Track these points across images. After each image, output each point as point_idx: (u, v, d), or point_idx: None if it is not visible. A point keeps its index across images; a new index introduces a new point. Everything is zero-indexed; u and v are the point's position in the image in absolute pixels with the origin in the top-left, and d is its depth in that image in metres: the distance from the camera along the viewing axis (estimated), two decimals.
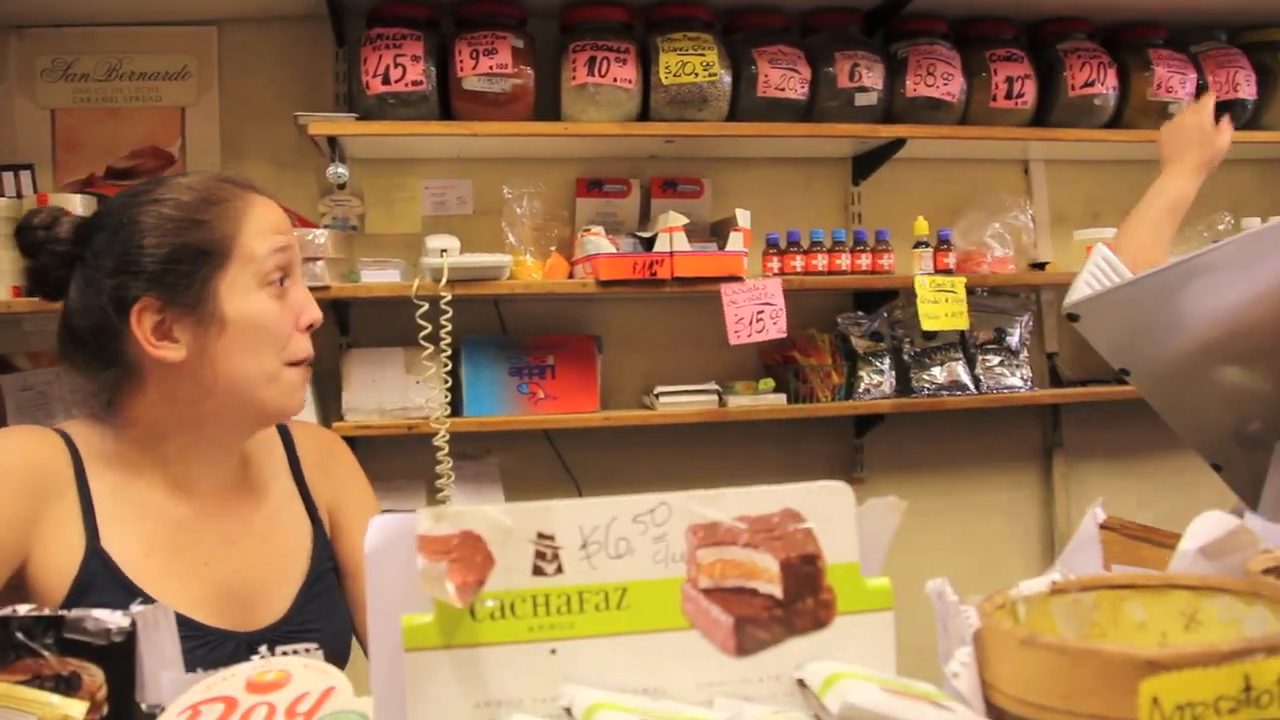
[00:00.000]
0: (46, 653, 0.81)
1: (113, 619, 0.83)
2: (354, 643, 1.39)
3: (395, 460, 2.60)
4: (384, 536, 0.62)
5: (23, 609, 0.84)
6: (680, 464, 2.76)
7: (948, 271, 2.59)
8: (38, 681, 0.80)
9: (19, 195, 2.50)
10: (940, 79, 2.60)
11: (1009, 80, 2.65)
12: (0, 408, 2.51)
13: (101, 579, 1.18)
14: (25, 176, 2.55)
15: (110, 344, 1.24)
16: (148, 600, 1.17)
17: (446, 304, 2.31)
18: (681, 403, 2.57)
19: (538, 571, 0.62)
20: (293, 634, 1.29)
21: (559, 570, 0.63)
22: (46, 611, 0.84)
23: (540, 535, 0.62)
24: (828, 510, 0.66)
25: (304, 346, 1.27)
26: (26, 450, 1.22)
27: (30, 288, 1.61)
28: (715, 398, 2.58)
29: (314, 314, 1.28)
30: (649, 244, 2.49)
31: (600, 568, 0.63)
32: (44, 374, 2.54)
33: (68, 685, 0.81)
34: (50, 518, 1.19)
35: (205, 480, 1.29)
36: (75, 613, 0.84)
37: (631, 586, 0.64)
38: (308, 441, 1.44)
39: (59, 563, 1.18)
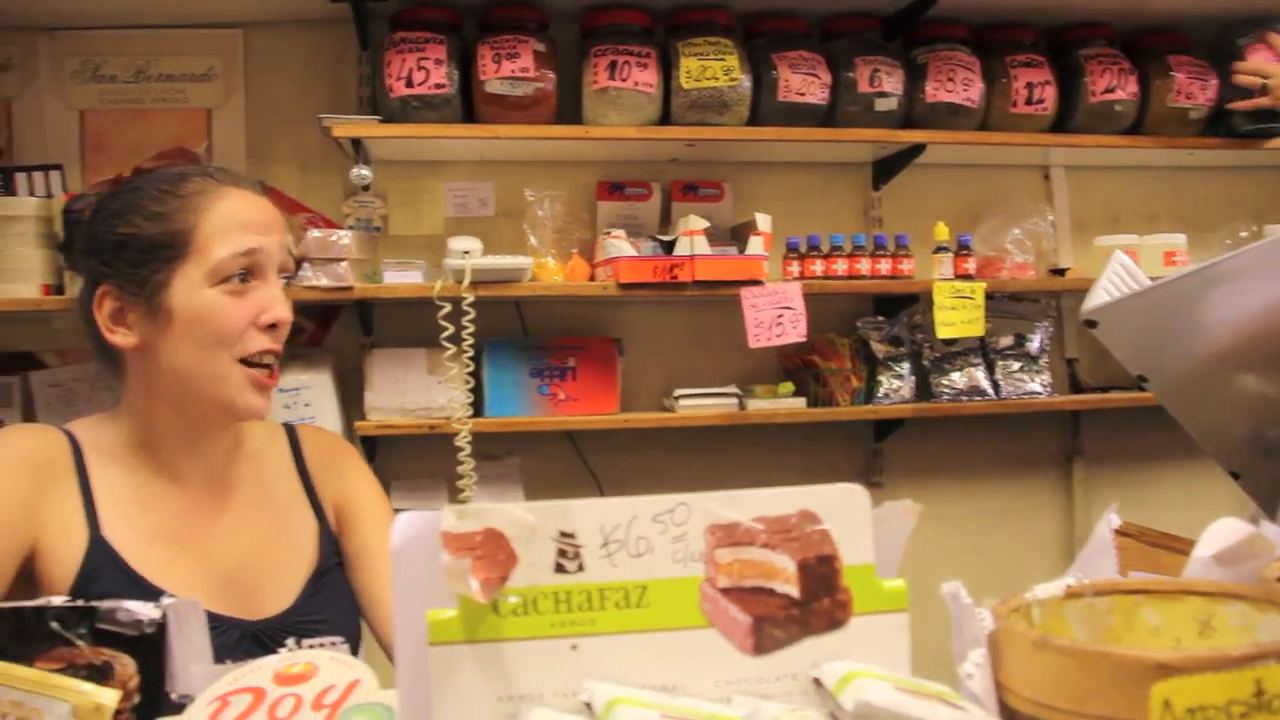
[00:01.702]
0: (80, 642, 0.83)
1: (144, 610, 0.85)
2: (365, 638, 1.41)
3: (417, 460, 2.62)
4: (410, 533, 0.63)
5: (57, 600, 0.86)
6: (699, 466, 2.77)
7: (968, 277, 2.59)
8: (71, 670, 0.82)
9: (49, 195, 2.53)
10: (960, 84, 2.60)
11: (1029, 86, 2.65)
12: (28, 405, 2.54)
13: (106, 569, 1.21)
14: (55, 177, 2.59)
15: (95, 331, 1.30)
16: (152, 588, 1.20)
17: (469, 305, 2.32)
18: (701, 405, 2.58)
19: (559, 569, 0.63)
20: (300, 625, 1.31)
21: (580, 568, 0.64)
22: (80, 602, 0.85)
23: (562, 533, 0.64)
24: (844, 512, 0.67)
25: (259, 343, 1.27)
26: (28, 443, 1.26)
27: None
28: (735, 401, 2.59)
29: (277, 313, 1.27)
30: (669, 247, 2.49)
31: (621, 566, 0.64)
32: (72, 371, 2.56)
33: (100, 674, 0.83)
34: (53, 507, 1.23)
35: (195, 471, 1.33)
36: (108, 604, 0.85)
37: (651, 585, 0.64)
38: (312, 442, 1.47)
39: (63, 552, 1.21)
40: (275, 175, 2.66)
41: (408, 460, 2.63)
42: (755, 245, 2.47)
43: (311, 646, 1.29)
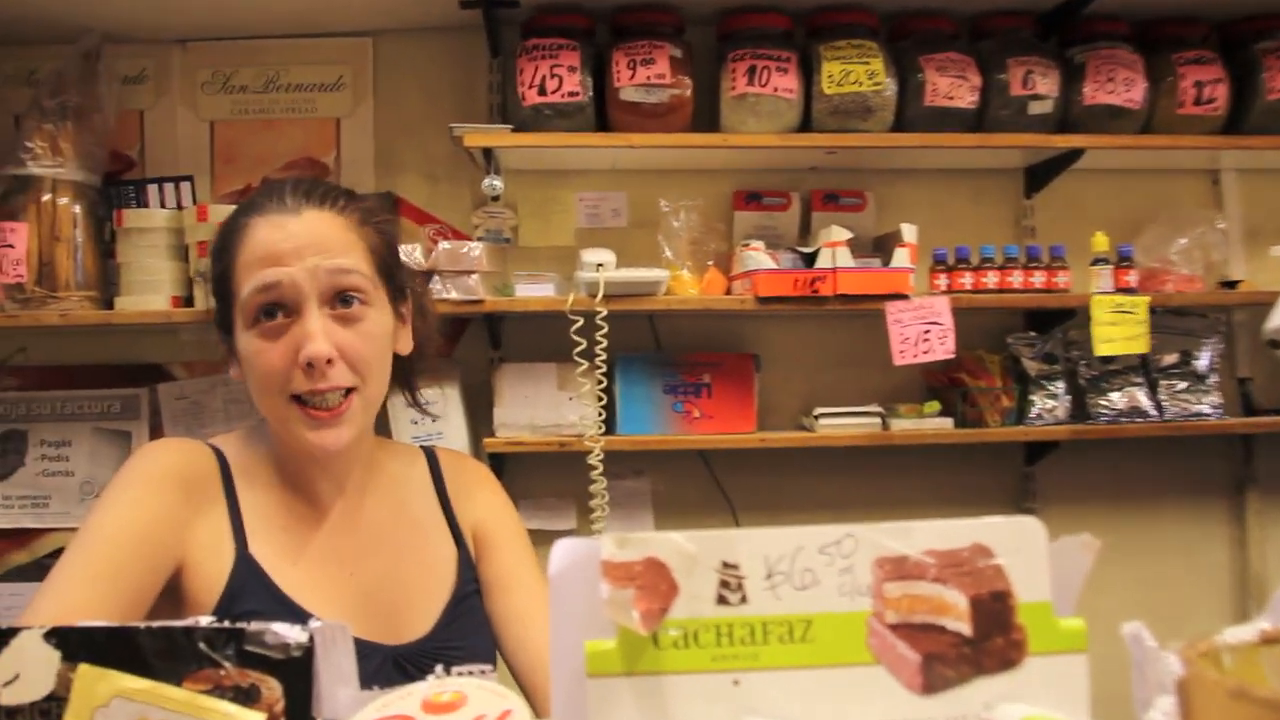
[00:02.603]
0: (227, 664, 0.86)
1: (292, 634, 0.87)
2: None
3: (545, 478, 2.66)
4: (568, 560, 0.64)
5: (204, 620, 0.89)
6: (839, 489, 2.75)
7: (1129, 290, 2.52)
8: (218, 692, 0.85)
9: (179, 206, 2.63)
10: (1121, 85, 2.54)
11: (1198, 85, 2.57)
12: (156, 416, 2.66)
13: (251, 586, 1.25)
14: (185, 188, 2.68)
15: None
16: (295, 607, 1.23)
17: (601, 319, 2.35)
18: (842, 425, 2.56)
19: (722, 601, 0.64)
20: (439, 650, 1.33)
21: (743, 600, 0.64)
22: (228, 624, 0.89)
23: (725, 564, 0.64)
24: (1019, 546, 0.66)
25: (300, 383, 1.24)
26: (180, 459, 1.30)
27: None
28: (878, 420, 2.56)
29: (308, 351, 1.22)
30: (810, 259, 2.49)
31: (785, 599, 0.65)
32: (199, 383, 2.67)
33: (247, 697, 0.86)
34: (202, 525, 1.26)
35: (333, 492, 1.36)
36: (255, 626, 0.88)
37: (816, 619, 0.65)
38: (453, 467, 1.50)
39: (211, 568, 1.25)
40: (404, 185, 2.73)
41: (535, 478, 2.67)
42: (901, 257, 2.45)
43: (460, 674, 1.31)
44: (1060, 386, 2.64)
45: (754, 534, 0.65)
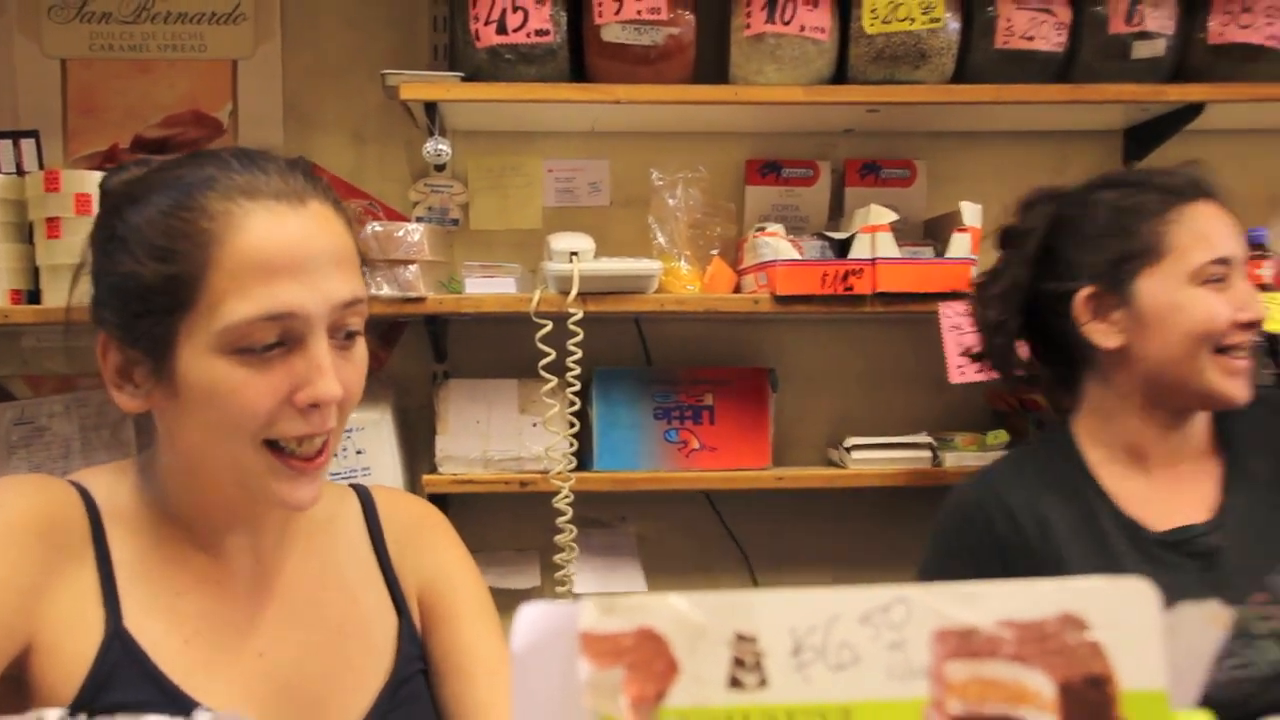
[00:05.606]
0: None
1: None
2: None
3: (503, 525, 2.67)
4: (537, 631, 0.63)
5: (51, 713, 0.88)
6: (878, 541, 2.75)
7: (1264, 287, 2.52)
8: None
9: (19, 171, 2.54)
10: (1262, 16, 2.52)
11: None
12: None
13: (126, 671, 1.22)
14: (28, 146, 2.59)
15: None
16: (185, 699, 1.22)
17: (575, 324, 2.34)
18: (882, 459, 2.57)
19: (735, 684, 0.63)
20: None
21: (762, 683, 0.64)
22: (84, 718, 0.87)
23: (740, 636, 0.63)
24: (1123, 616, 0.66)
25: (293, 427, 1.22)
26: (37, 504, 1.26)
27: None
28: (928, 454, 2.57)
29: (316, 392, 1.21)
30: (842, 248, 2.49)
31: (816, 681, 0.64)
32: (47, 404, 2.61)
33: None
34: (62, 592, 1.23)
35: (241, 548, 1.34)
36: (122, 718, 0.87)
37: (857, 708, 0.64)
38: (393, 511, 1.48)
39: (72, 649, 1.22)
40: (321, 149, 2.72)
41: (489, 526, 2.67)
42: (960, 245, 2.45)
43: None
44: None
45: (776, 597, 0.64)
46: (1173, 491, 1.88)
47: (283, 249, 1.20)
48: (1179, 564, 1.79)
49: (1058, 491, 1.88)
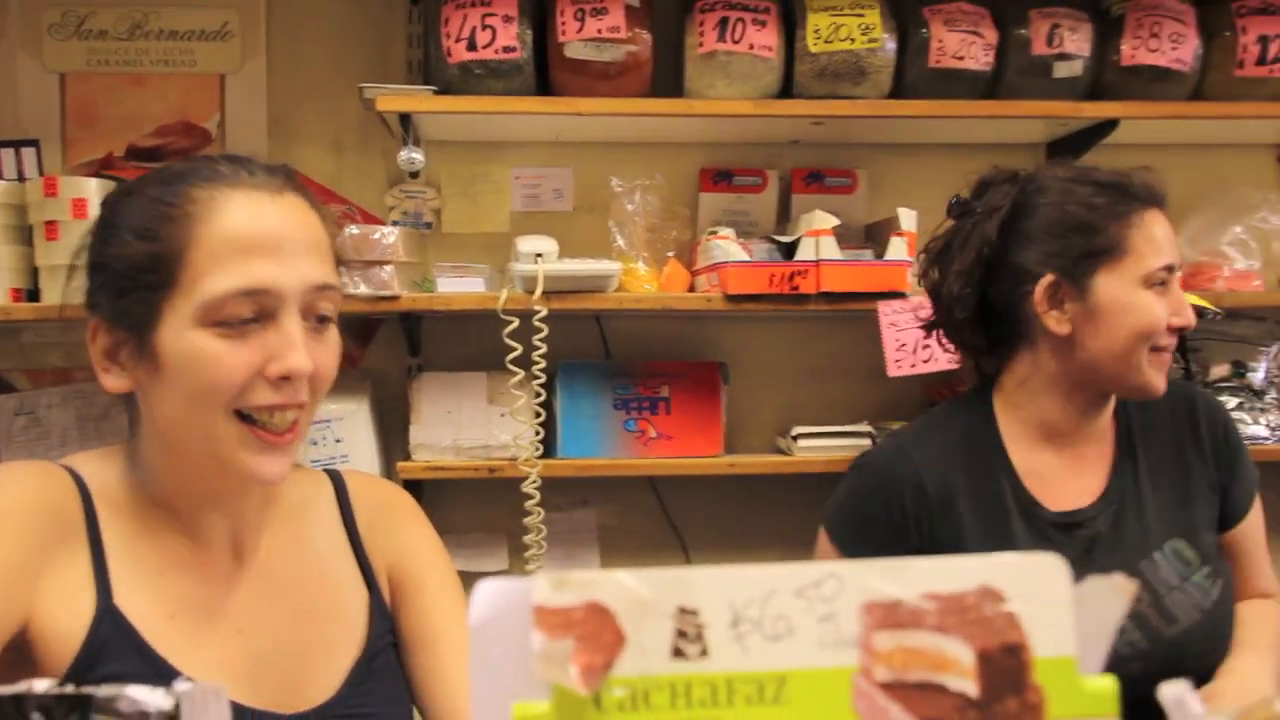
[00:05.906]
0: None
1: (152, 699, 0.85)
2: None
3: (471, 509, 2.66)
4: (493, 606, 0.63)
5: (40, 684, 0.87)
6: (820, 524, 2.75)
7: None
8: None
9: (20, 178, 2.56)
10: (1168, 41, 2.55)
11: (1262, 41, 2.57)
12: None
13: (115, 644, 1.22)
14: (29, 155, 2.62)
15: None
16: (170, 671, 1.21)
17: (540, 320, 2.34)
18: (826, 446, 2.57)
19: (678, 654, 0.63)
20: (346, 719, 1.32)
21: (704, 653, 0.64)
22: (70, 689, 0.86)
23: (682, 609, 0.63)
24: (1036, 589, 0.66)
25: (263, 396, 1.23)
26: (36, 489, 1.25)
27: None
28: (869, 442, 2.57)
29: (289, 363, 1.22)
30: (789, 250, 2.49)
31: (754, 651, 0.64)
32: (46, 396, 2.61)
33: None
34: (57, 571, 1.23)
35: (220, 530, 1.33)
36: (106, 690, 0.86)
37: (792, 676, 0.64)
38: (364, 494, 1.48)
39: (65, 624, 1.21)
40: (303, 158, 2.71)
41: (460, 510, 2.66)
42: (897, 248, 2.46)
43: None
44: None
45: (718, 573, 0.64)
46: (1074, 473, 1.90)
47: (260, 230, 1.23)
48: (1065, 544, 1.80)
49: (968, 471, 1.88)
